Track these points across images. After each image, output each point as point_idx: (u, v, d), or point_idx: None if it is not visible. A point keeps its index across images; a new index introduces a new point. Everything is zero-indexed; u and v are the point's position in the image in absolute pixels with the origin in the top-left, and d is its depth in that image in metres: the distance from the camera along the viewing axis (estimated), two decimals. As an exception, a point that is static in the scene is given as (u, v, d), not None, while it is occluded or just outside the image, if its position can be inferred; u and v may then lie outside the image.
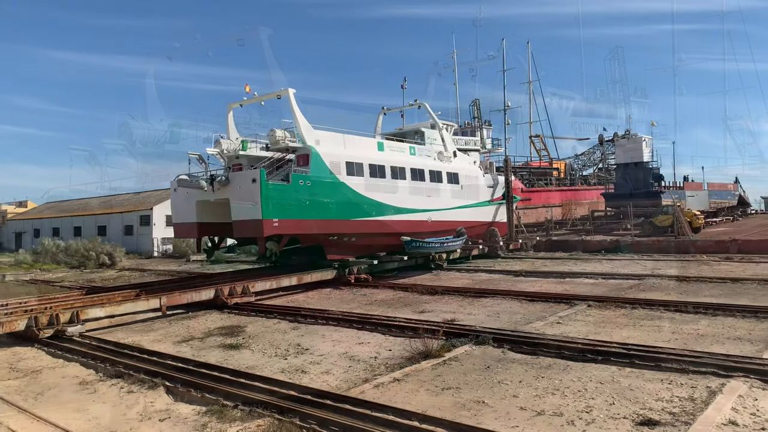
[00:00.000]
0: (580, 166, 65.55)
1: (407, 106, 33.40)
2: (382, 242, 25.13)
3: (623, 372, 9.84)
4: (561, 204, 49.93)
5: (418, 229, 26.50)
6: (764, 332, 12.34)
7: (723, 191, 59.40)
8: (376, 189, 24.34)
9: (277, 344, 13.23)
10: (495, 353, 11.48)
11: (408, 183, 26.19)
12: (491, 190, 32.80)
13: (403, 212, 25.75)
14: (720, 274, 21.80)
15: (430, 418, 7.69)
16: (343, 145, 23.96)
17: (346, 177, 23.10)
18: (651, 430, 7.30)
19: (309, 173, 21.79)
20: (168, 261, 40.96)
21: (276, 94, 23.44)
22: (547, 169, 57.40)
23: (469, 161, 32.05)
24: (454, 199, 29.32)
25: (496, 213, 33.48)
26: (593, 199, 53.09)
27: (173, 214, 24.50)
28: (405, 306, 17.85)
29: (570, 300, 17.14)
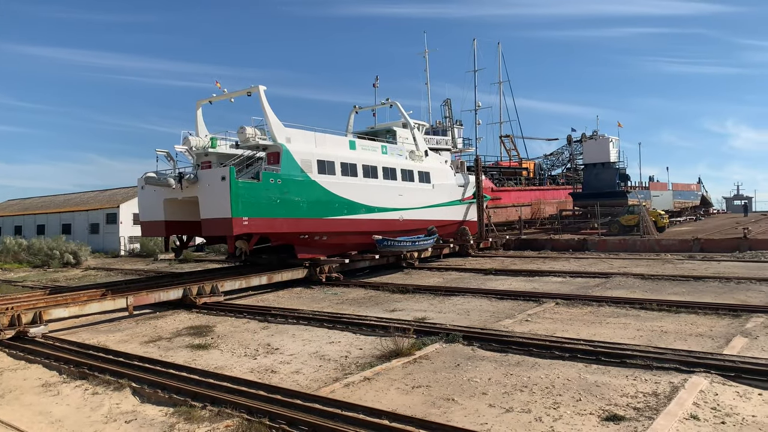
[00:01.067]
0: (549, 166, 66.50)
1: (379, 104, 33.41)
2: (353, 241, 25.09)
3: (590, 369, 10.02)
4: (530, 203, 50.52)
5: (390, 227, 26.53)
6: (725, 329, 12.69)
7: (686, 191, 60.94)
8: (347, 188, 24.29)
9: (246, 344, 13.11)
10: (465, 351, 11.57)
11: (380, 182, 26.20)
12: (462, 190, 33.03)
13: (374, 211, 25.75)
14: (683, 272, 22.34)
15: (401, 416, 7.72)
16: (314, 143, 23.83)
17: (317, 175, 22.98)
18: (616, 425, 7.45)
19: (280, 171, 21.61)
20: (135, 260, 40.22)
21: (246, 91, 23.18)
22: (517, 168, 58.03)
23: (440, 160, 32.21)
24: (426, 198, 29.44)
25: (467, 212, 33.73)
26: (562, 199, 53.89)
27: (140, 212, 24.05)
28: (376, 305, 17.87)
29: (538, 298, 17.38)
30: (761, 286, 18.45)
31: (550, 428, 7.41)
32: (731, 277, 20.02)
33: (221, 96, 24.30)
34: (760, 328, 12.54)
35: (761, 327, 12.61)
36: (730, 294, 17.19)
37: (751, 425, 7.30)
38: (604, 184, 46.32)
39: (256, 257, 24.47)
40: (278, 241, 22.82)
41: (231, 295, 20.09)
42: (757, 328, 12.48)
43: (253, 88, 22.78)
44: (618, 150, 49.00)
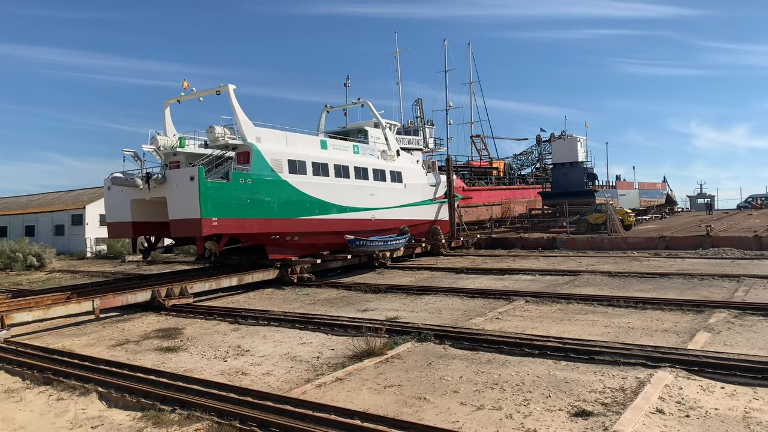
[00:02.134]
0: (518, 165, 67.23)
1: (350, 104, 33.37)
2: (325, 241, 25.01)
3: (559, 365, 10.16)
4: (501, 202, 51.00)
5: (362, 227, 26.52)
6: (689, 324, 13.01)
7: (652, 190, 62.28)
8: (319, 187, 24.19)
9: (216, 346, 12.95)
10: (436, 350, 11.63)
11: (351, 181, 26.15)
12: (434, 189, 33.18)
13: (346, 211, 25.70)
14: (649, 269, 22.84)
15: (372, 416, 7.72)
16: (285, 142, 23.67)
17: (288, 175, 22.83)
18: (585, 420, 7.57)
19: (250, 171, 21.41)
20: (102, 262, 39.39)
21: (215, 89, 22.92)
22: (488, 168, 58.54)
23: (412, 160, 32.31)
24: (398, 198, 29.50)
25: (439, 211, 33.91)
26: (531, 198, 54.54)
27: (107, 213, 23.59)
28: (348, 305, 17.84)
29: (509, 296, 17.56)
30: (723, 282, 18.96)
31: (521, 425, 7.50)
32: (695, 274, 20.53)
33: (190, 95, 23.99)
34: (722, 323, 12.89)
35: (723, 322, 12.96)
36: (693, 290, 17.63)
37: (713, 418, 7.50)
38: (573, 184, 47.05)
39: (227, 258, 24.20)
40: (249, 241, 22.61)
41: (201, 297, 19.83)
42: (720, 323, 12.82)
43: (222, 87, 22.54)
44: (586, 150, 49.83)
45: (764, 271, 20.82)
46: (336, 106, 33.65)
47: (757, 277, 19.33)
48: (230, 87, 22.31)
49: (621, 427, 7.14)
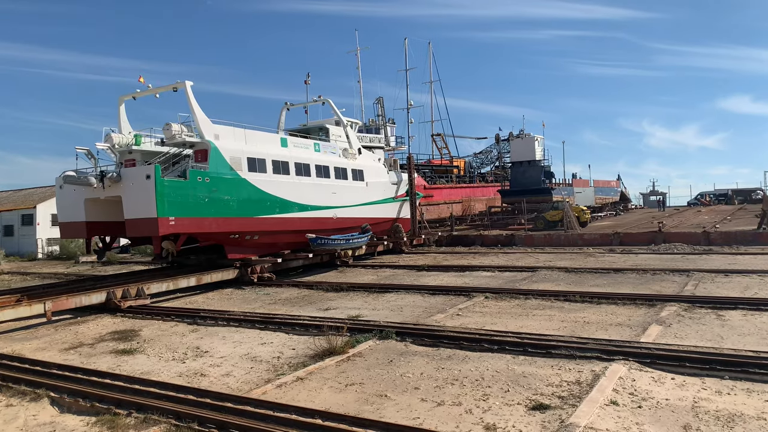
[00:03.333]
0: (478, 164, 68.12)
1: (311, 102, 33.22)
2: (286, 240, 24.81)
3: (517, 360, 10.35)
4: (461, 200, 51.59)
5: (324, 226, 26.41)
6: (642, 318, 13.42)
7: (607, 188, 63.98)
8: (279, 186, 23.97)
9: (174, 347, 12.72)
10: (398, 347, 11.68)
11: (313, 180, 26.02)
12: (395, 187, 33.29)
13: (307, 209, 25.55)
14: (604, 264, 23.44)
15: (333, 414, 7.71)
16: (244, 140, 23.37)
17: (247, 173, 22.55)
18: (542, 414, 7.73)
19: (208, 169, 21.06)
20: (54, 263, 38.12)
21: (172, 86, 22.46)
22: (448, 166, 59.14)
23: (373, 158, 32.34)
24: (360, 196, 29.48)
25: (400, 209, 34.05)
26: (491, 196, 55.34)
27: (59, 212, 22.85)
28: (310, 304, 17.75)
29: (469, 292, 17.77)
30: (674, 276, 19.62)
31: (480, 419, 7.61)
32: (647, 269, 21.17)
33: (146, 92, 23.46)
34: (673, 316, 13.34)
35: (674, 315, 13.42)
36: (646, 285, 18.18)
37: (664, 408, 7.76)
38: (531, 182, 47.92)
39: (184, 258, 23.77)
40: (207, 241, 22.26)
41: (158, 298, 19.43)
42: (671, 317, 13.27)
43: (180, 83, 22.12)
44: (543, 148, 50.83)
45: (712, 265, 21.63)
46: (296, 104, 33.46)
47: (705, 271, 20.07)
48: (187, 83, 21.90)
49: (577, 420, 7.32)
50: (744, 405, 7.74)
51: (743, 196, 78.44)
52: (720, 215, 46.86)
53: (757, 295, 15.46)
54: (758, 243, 28.17)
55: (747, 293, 15.80)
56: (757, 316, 12.95)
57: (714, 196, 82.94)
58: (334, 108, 30.88)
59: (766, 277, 18.34)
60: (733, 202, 75.56)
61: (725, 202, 76.33)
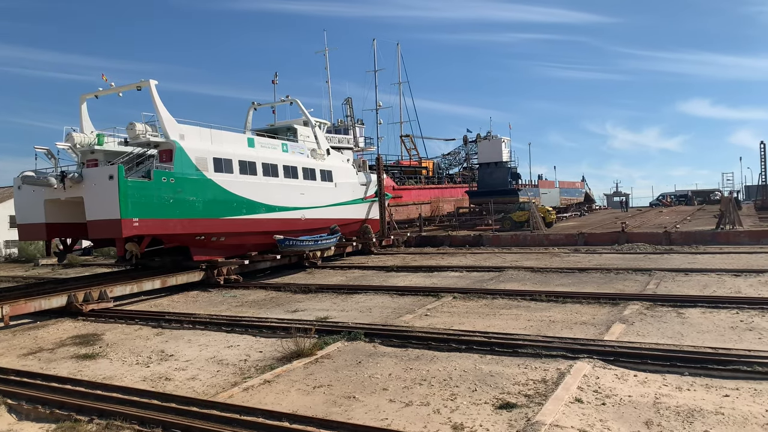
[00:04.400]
0: (447, 165, 68.55)
1: (279, 101, 32.96)
2: (253, 241, 24.56)
3: (484, 359, 10.44)
4: (430, 201, 51.86)
5: (292, 227, 26.22)
6: (605, 316, 13.69)
7: (572, 189, 65.15)
8: (246, 186, 23.72)
9: (138, 351, 12.47)
10: (366, 348, 11.67)
11: (280, 180, 25.81)
12: (364, 188, 33.27)
13: (275, 210, 25.34)
14: (569, 264, 23.85)
15: (301, 417, 7.66)
16: (210, 140, 23.04)
17: (213, 174, 22.25)
18: (509, 412, 7.82)
19: (173, 169, 20.71)
20: (13, 266, 36.97)
21: (136, 85, 22.04)
22: (417, 168, 59.36)
23: (342, 159, 32.26)
24: (328, 197, 29.37)
25: (369, 210, 34.04)
26: (459, 197, 55.77)
27: (17, 214, 22.16)
28: (277, 306, 17.60)
29: (437, 293, 17.87)
30: (636, 275, 20.07)
31: (448, 419, 7.65)
32: (611, 268, 21.61)
33: (108, 90, 22.96)
34: (635, 314, 13.64)
35: (637, 313, 13.72)
36: (610, 284, 18.55)
37: (627, 405, 7.92)
38: (498, 183, 48.42)
39: (149, 260, 23.32)
40: (172, 242, 21.90)
41: (122, 301, 19.03)
42: (633, 315, 13.56)
43: (144, 82, 21.72)
44: (510, 150, 51.40)
45: (673, 264, 22.19)
46: (264, 104, 33.15)
47: (667, 270, 20.58)
48: (152, 82, 21.51)
49: (542, 418, 7.42)
50: (703, 400, 7.95)
51: (702, 197, 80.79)
52: (680, 215, 48.15)
53: (715, 293, 15.93)
54: (716, 243, 29.04)
55: (706, 291, 16.26)
56: (715, 314, 13.34)
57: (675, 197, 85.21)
58: (302, 108, 30.71)
59: (724, 275, 18.91)
60: (693, 202, 77.74)
61: (685, 203, 78.46)
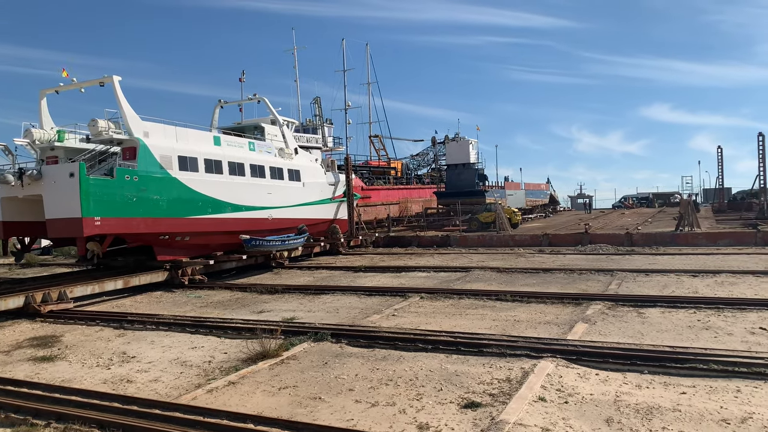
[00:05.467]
0: (415, 165, 68.84)
1: (246, 99, 32.63)
2: (219, 241, 24.25)
3: (450, 359, 10.52)
4: (398, 202, 51.99)
5: (258, 226, 25.97)
6: (569, 316, 13.94)
7: (537, 190, 66.22)
8: (212, 185, 23.40)
9: (99, 353, 12.18)
10: (333, 349, 11.64)
11: (247, 179, 25.54)
12: (333, 188, 33.17)
13: (241, 210, 25.06)
14: (534, 265, 24.20)
15: (266, 419, 7.60)
16: (175, 138, 22.66)
17: (178, 172, 21.89)
18: (474, 412, 7.89)
19: (136, 167, 20.31)
20: (-34, 266, 35.69)
21: (99, 80, 21.53)
22: (386, 168, 59.45)
23: (310, 159, 32.09)
24: (296, 197, 29.18)
25: (338, 210, 33.95)
26: (427, 197, 56.05)
27: (-28, 212, 21.43)
28: (243, 307, 17.41)
29: (405, 293, 17.93)
30: (599, 276, 20.48)
31: (413, 419, 7.68)
32: (574, 269, 22.01)
33: (70, 86, 22.39)
34: (597, 314, 13.92)
35: (599, 313, 14.01)
36: (573, 284, 18.90)
37: (589, 403, 8.08)
38: (465, 184, 48.86)
39: (111, 260, 22.81)
40: (136, 242, 21.48)
41: (82, 302, 18.55)
42: (596, 315, 13.84)
43: (107, 78, 21.24)
44: (477, 152, 51.97)
45: (634, 265, 22.72)
46: (231, 102, 32.78)
47: (628, 271, 21.06)
48: (115, 78, 21.06)
49: (507, 416, 7.52)
50: (661, 398, 8.17)
51: (663, 200, 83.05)
52: (642, 217, 49.35)
53: (674, 293, 16.37)
54: (676, 244, 29.84)
55: (665, 291, 16.70)
56: (674, 313, 13.71)
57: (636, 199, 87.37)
58: (270, 107, 30.45)
59: (683, 276, 19.44)
60: (653, 205, 79.84)
61: (647, 205, 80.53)
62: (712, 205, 62.15)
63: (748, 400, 7.92)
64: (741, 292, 16.20)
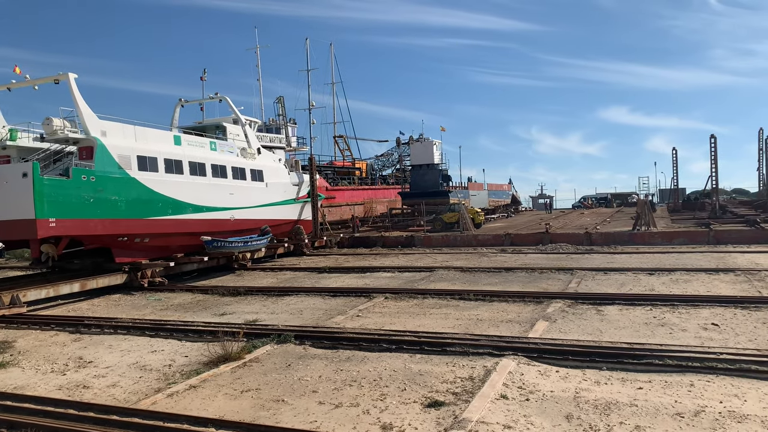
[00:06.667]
0: (380, 166, 68.99)
1: (207, 98, 32.12)
2: (179, 242, 23.80)
3: (414, 359, 10.57)
4: (363, 202, 51.97)
5: (220, 228, 25.61)
6: (530, 314, 14.16)
7: (499, 191, 67.09)
8: (172, 186, 22.95)
9: (54, 359, 11.82)
10: (297, 351, 11.56)
11: (208, 180, 25.15)
12: (297, 188, 32.94)
13: (203, 210, 24.67)
14: (497, 264, 24.50)
15: (228, 422, 7.50)
16: (134, 137, 22.15)
17: (137, 172, 21.41)
18: (437, 410, 7.94)
19: (94, 168, 19.78)
20: None
21: (53, 78, 20.89)
22: (350, 168, 59.38)
23: (274, 159, 31.80)
24: (259, 197, 28.87)
25: (302, 211, 33.73)
26: (392, 198, 56.20)
27: None
28: (204, 309, 17.13)
29: (369, 293, 17.93)
30: (559, 274, 20.87)
31: (377, 419, 7.69)
32: (536, 268, 22.37)
33: (22, 83, 21.66)
34: (558, 312, 14.19)
35: (559, 311, 14.27)
36: (534, 283, 19.21)
37: (549, 400, 8.23)
38: (429, 184, 49.15)
39: (67, 262, 22.16)
40: (93, 244, 20.91)
41: (36, 306, 17.97)
42: (556, 313, 14.10)
43: (62, 75, 20.63)
44: (441, 153, 52.33)
45: (593, 264, 23.23)
46: (192, 101, 32.23)
47: (587, 269, 21.53)
48: (71, 76, 20.46)
49: (469, 415, 7.59)
50: (619, 393, 8.37)
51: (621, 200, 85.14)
52: (600, 217, 50.46)
53: (632, 291, 16.80)
54: (633, 243, 30.63)
55: (623, 289, 17.12)
56: (631, 311, 14.07)
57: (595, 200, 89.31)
58: (232, 106, 30.06)
59: (640, 274, 19.97)
60: (612, 205, 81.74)
61: (605, 205, 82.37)
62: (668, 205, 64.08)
63: (701, 394, 8.18)
64: (694, 289, 16.73)
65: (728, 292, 15.91)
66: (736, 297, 14.70)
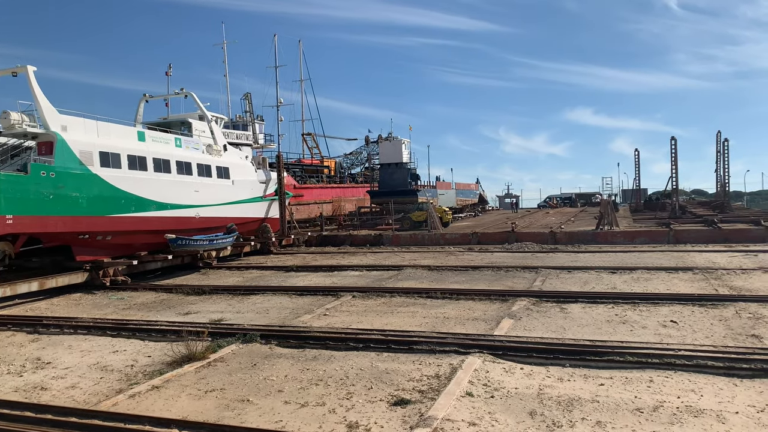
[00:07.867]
0: (349, 164, 68.78)
1: (173, 94, 31.54)
2: (143, 241, 23.34)
3: (381, 357, 10.58)
4: (331, 201, 51.78)
5: (185, 225, 25.20)
6: (495, 312, 14.32)
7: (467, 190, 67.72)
8: (135, 182, 22.49)
9: (10, 360, 11.47)
10: (262, 350, 11.45)
11: (173, 177, 24.71)
12: (264, 186, 32.62)
13: (167, 208, 24.23)
14: (464, 262, 24.71)
15: (191, 423, 7.40)
16: (96, 132, 21.62)
17: (99, 168, 20.91)
18: (403, 409, 7.97)
19: (54, 163, 19.24)
20: None
21: (11, 70, 20.24)
22: (319, 166, 59.11)
23: (240, 156, 31.43)
24: (225, 195, 28.51)
25: (269, 209, 33.42)
26: (360, 196, 56.13)
27: None
28: (168, 308, 16.85)
29: (337, 292, 17.88)
30: (524, 273, 21.16)
31: (343, 419, 7.67)
32: (501, 266, 22.64)
33: (-22, 75, 20.91)
34: (523, 310, 14.38)
35: (524, 309, 14.47)
36: (500, 281, 19.43)
37: (514, 397, 8.34)
38: (398, 183, 49.25)
39: (26, 261, 21.51)
40: (52, 241, 20.34)
41: (-9, 306, 17.41)
42: (521, 311, 14.29)
43: (20, 68, 20.02)
44: (410, 151, 52.44)
45: (557, 262, 23.63)
46: (156, 96, 31.57)
47: (552, 268, 21.88)
48: (29, 68, 19.87)
49: (435, 413, 7.64)
50: (581, 390, 8.53)
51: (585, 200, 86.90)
52: (565, 216, 51.39)
53: (594, 289, 17.14)
54: (596, 242, 31.26)
55: (586, 288, 17.45)
56: (594, 308, 14.35)
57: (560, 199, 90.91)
58: (198, 102, 29.59)
59: (602, 273, 20.38)
60: (576, 204, 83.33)
61: (570, 205, 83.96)
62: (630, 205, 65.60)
63: (659, 390, 8.39)
64: (655, 287, 17.17)
65: (687, 290, 16.36)
66: (694, 295, 15.13)
